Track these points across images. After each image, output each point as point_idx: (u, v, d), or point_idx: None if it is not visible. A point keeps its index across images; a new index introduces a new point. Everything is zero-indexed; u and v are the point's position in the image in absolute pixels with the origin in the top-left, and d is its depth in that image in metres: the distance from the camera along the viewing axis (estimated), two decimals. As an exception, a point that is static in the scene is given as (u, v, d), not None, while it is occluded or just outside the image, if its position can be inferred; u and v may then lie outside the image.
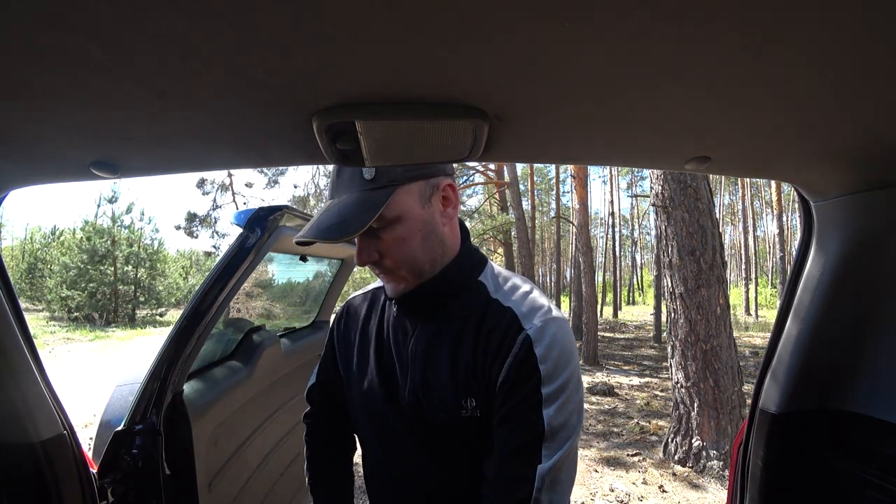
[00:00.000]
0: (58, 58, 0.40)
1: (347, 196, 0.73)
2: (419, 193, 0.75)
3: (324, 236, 0.69)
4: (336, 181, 0.76)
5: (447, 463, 0.79)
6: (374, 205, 0.71)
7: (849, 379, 0.91)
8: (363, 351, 0.89)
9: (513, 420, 0.71)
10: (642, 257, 40.89)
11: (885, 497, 0.83)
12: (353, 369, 0.89)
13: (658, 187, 4.16)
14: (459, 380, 0.75)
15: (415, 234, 0.75)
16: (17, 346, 0.82)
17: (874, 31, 0.39)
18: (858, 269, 0.85)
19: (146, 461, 1.18)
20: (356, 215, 0.70)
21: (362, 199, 0.72)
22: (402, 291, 0.79)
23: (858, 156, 0.68)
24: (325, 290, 2.75)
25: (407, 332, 0.82)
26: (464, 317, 0.78)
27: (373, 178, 0.72)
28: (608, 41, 0.40)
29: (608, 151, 0.69)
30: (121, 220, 17.97)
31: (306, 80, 0.45)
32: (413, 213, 0.74)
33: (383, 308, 0.89)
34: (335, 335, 0.97)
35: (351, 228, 0.69)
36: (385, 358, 0.84)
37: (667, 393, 6.39)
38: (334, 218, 0.71)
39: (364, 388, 0.86)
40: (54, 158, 0.63)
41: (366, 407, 0.86)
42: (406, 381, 0.80)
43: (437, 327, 0.79)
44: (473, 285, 0.80)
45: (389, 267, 0.77)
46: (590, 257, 9.94)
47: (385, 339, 0.85)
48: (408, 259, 0.76)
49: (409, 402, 0.79)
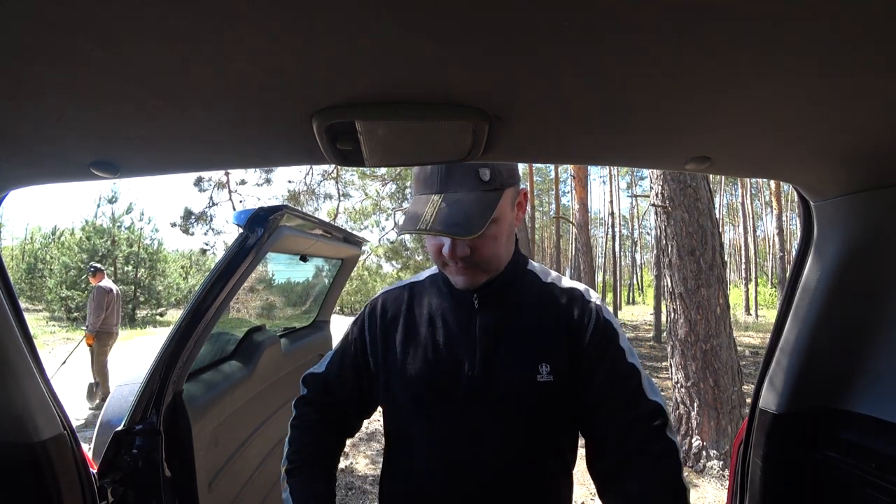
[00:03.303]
0: (58, 58, 0.40)
1: (464, 193, 0.77)
2: (511, 198, 0.84)
3: (456, 232, 0.74)
4: (446, 177, 0.78)
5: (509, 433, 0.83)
6: (491, 205, 0.78)
7: (849, 379, 0.91)
8: (411, 338, 0.91)
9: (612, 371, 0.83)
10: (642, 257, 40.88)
11: (884, 497, 0.83)
12: (398, 356, 0.90)
13: (658, 187, 4.16)
14: (534, 349, 0.84)
15: (503, 233, 0.83)
16: (17, 346, 0.81)
17: (874, 31, 0.39)
18: (858, 269, 0.85)
19: (146, 461, 1.18)
20: (479, 214, 0.76)
21: (480, 199, 0.77)
22: (478, 283, 0.86)
23: (858, 156, 0.68)
24: (325, 290, 2.75)
25: (470, 316, 0.88)
26: (523, 299, 0.88)
27: (489, 180, 0.78)
28: (608, 41, 0.40)
29: (608, 151, 0.69)
30: (121, 221, 17.97)
31: (306, 80, 0.45)
32: (506, 216, 0.83)
33: (431, 299, 0.93)
34: (367, 327, 0.96)
35: (477, 226, 0.74)
36: (442, 341, 0.88)
37: (667, 393, 6.38)
38: (461, 215, 0.75)
39: (417, 368, 0.87)
40: (54, 158, 0.63)
41: (425, 383, 0.86)
42: (475, 356, 0.85)
43: (500, 310, 0.87)
44: (526, 274, 0.92)
45: (477, 261, 0.83)
46: (590, 257, 9.95)
47: (440, 325, 0.89)
48: (494, 256, 0.84)
49: (479, 373, 0.84)
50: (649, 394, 0.82)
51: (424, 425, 0.87)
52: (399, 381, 0.89)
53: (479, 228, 0.74)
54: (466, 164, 0.77)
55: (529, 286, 0.90)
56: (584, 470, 3.58)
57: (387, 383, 0.91)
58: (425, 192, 0.79)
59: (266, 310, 2.52)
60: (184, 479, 1.31)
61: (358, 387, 0.96)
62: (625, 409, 0.81)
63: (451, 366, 0.86)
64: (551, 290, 0.90)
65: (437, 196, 0.77)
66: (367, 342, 0.95)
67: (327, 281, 2.72)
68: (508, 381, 0.83)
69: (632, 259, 37.80)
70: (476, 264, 0.83)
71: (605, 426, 0.83)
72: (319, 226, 1.82)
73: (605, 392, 0.83)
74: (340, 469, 3.83)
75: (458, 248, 0.80)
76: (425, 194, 0.79)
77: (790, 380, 0.94)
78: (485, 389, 0.83)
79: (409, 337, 0.91)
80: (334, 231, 2.04)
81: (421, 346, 0.89)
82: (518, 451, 0.84)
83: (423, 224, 0.74)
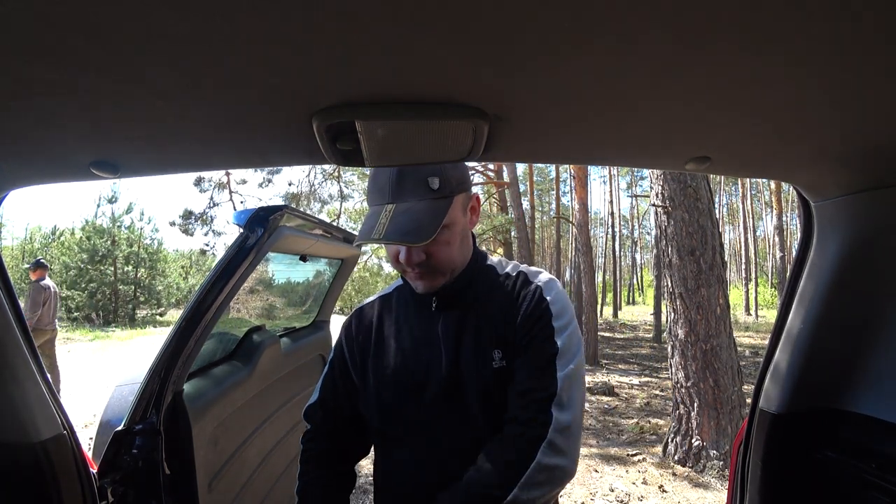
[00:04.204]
0: (58, 58, 0.40)
1: (414, 202, 0.80)
2: (462, 204, 0.87)
3: (409, 240, 0.76)
4: (397, 187, 0.81)
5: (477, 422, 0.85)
6: (441, 212, 0.81)
7: (849, 379, 0.91)
8: (383, 348, 0.94)
9: (532, 346, 0.84)
10: (642, 257, 40.87)
11: (885, 497, 0.83)
12: (373, 367, 0.93)
13: (658, 187, 4.16)
14: (486, 337, 0.87)
15: (457, 238, 0.87)
16: (17, 346, 0.81)
17: (873, 31, 0.39)
18: (858, 268, 0.85)
19: (146, 461, 1.18)
20: (429, 221, 0.79)
21: (430, 207, 0.80)
22: (436, 287, 0.89)
23: (858, 156, 0.68)
24: (325, 290, 2.75)
25: (432, 319, 0.91)
26: (480, 294, 0.91)
27: (438, 188, 0.81)
28: (608, 41, 0.40)
29: (608, 151, 0.69)
30: (121, 220, 17.97)
31: (306, 80, 0.45)
32: (458, 221, 0.86)
33: (397, 308, 0.97)
34: (345, 343, 1.00)
35: (426, 233, 0.77)
36: (411, 348, 0.91)
37: (666, 392, 6.39)
38: (411, 223, 0.77)
39: (391, 375, 0.91)
40: (54, 158, 0.63)
41: (397, 389, 0.90)
42: (441, 357, 0.88)
43: (459, 308, 0.91)
44: (485, 269, 0.95)
45: (433, 266, 0.86)
46: (590, 257, 9.95)
47: (406, 333, 0.93)
48: (449, 260, 0.87)
49: (447, 373, 0.87)
50: (558, 371, 0.81)
51: (401, 430, 0.90)
52: (375, 391, 0.92)
53: (429, 235, 0.77)
54: (416, 175, 0.80)
55: (486, 281, 0.93)
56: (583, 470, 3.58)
57: (365, 393, 0.94)
58: (378, 202, 0.82)
59: (266, 310, 2.52)
60: (184, 479, 1.31)
61: (352, 405, 0.98)
62: (525, 381, 0.82)
63: (422, 370, 0.89)
64: (504, 280, 0.93)
65: (390, 206, 0.80)
66: (346, 360, 0.99)
67: (327, 281, 2.72)
68: (470, 374, 0.86)
69: (632, 259, 37.82)
70: (432, 268, 0.86)
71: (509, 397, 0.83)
72: (319, 226, 1.82)
73: (520, 366, 0.84)
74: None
75: (413, 254, 0.84)
76: (379, 204, 0.82)
77: (790, 380, 0.94)
78: (453, 387, 0.86)
79: (381, 349, 0.94)
80: (334, 231, 2.04)
81: (391, 355, 0.92)
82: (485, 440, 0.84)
83: (376, 233, 0.77)
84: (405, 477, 0.90)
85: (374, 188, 0.84)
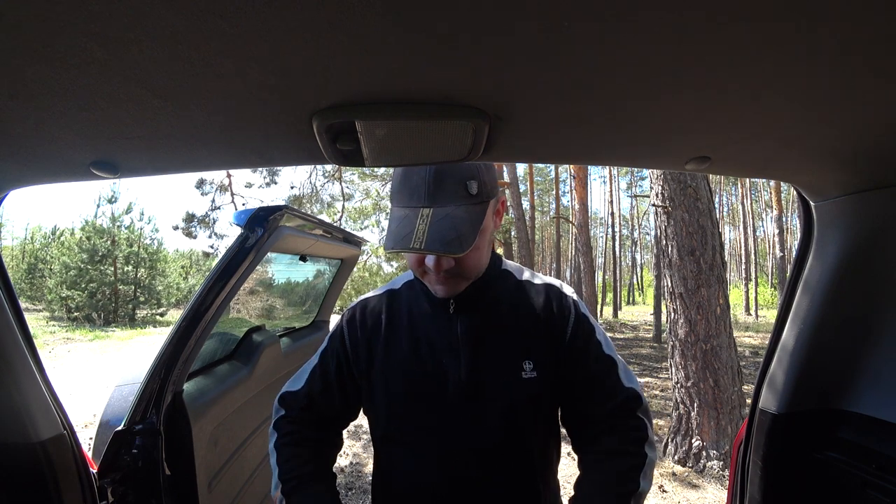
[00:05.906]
0: (58, 58, 0.40)
1: (453, 208, 0.75)
2: (492, 208, 0.85)
3: (452, 251, 0.72)
4: (435, 190, 0.76)
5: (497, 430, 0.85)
6: (478, 219, 0.78)
7: (849, 379, 0.91)
8: (394, 345, 0.90)
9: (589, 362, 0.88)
10: (642, 257, 40.88)
11: (884, 497, 0.83)
12: (382, 366, 0.89)
13: (658, 187, 4.16)
14: (516, 347, 0.87)
15: (486, 244, 0.84)
16: (17, 346, 0.82)
17: (873, 31, 0.39)
18: (858, 268, 0.85)
19: (146, 461, 1.18)
20: (469, 229, 0.75)
21: (469, 213, 0.76)
22: (458, 292, 0.86)
23: (858, 156, 0.68)
24: (325, 290, 2.75)
25: (450, 321, 0.88)
26: (500, 299, 0.90)
27: (476, 194, 0.77)
28: (608, 41, 0.40)
29: (608, 151, 0.69)
30: (121, 221, 17.97)
31: (306, 80, 0.45)
32: (489, 226, 0.83)
33: (409, 306, 0.93)
34: (348, 335, 0.94)
35: (468, 242, 0.73)
36: (426, 349, 0.88)
37: (667, 393, 6.39)
38: (452, 232, 0.73)
39: (403, 375, 0.88)
40: (54, 158, 0.63)
41: (409, 390, 0.87)
42: (459, 360, 0.86)
43: (478, 312, 0.88)
44: (502, 274, 0.93)
45: (460, 272, 0.82)
46: (590, 257, 9.95)
47: (422, 333, 0.89)
48: (478, 266, 0.85)
49: (466, 376, 0.85)
50: (625, 382, 0.88)
51: (414, 431, 0.87)
52: (385, 390, 0.89)
53: (469, 244, 0.73)
54: (455, 177, 0.76)
55: (505, 285, 0.92)
56: (584, 470, 3.50)
57: (371, 393, 0.91)
58: (411, 204, 0.76)
59: (266, 310, 2.52)
60: (184, 479, 1.31)
61: (344, 400, 0.94)
62: (605, 400, 0.88)
63: (438, 372, 0.86)
64: (527, 287, 0.92)
65: (427, 210, 0.75)
66: (349, 353, 0.93)
67: (327, 281, 2.72)
68: (495, 381, 0.85)
69: (632, 259, 37.81)
70: (459, 274, 0.83)
71: (587, 414, 0.90)
72: (319, 226, 1.82)
73: (587, 385, 0.88)
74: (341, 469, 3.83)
75: (443, 261, 0.79)
76: (410, 207, 0.76)
77: (790, 380, 0.94)
78: (472, 391, 0.84)
79: (391, 347, 0.90)
80: (334, 231, 2.04)
81: (404, 354, 0.88)
82: (506, 448, 0.85)
83: (416, 242, 0.72)
84: (409, 477, 0.88)
85: (404, 189, 0.78)
